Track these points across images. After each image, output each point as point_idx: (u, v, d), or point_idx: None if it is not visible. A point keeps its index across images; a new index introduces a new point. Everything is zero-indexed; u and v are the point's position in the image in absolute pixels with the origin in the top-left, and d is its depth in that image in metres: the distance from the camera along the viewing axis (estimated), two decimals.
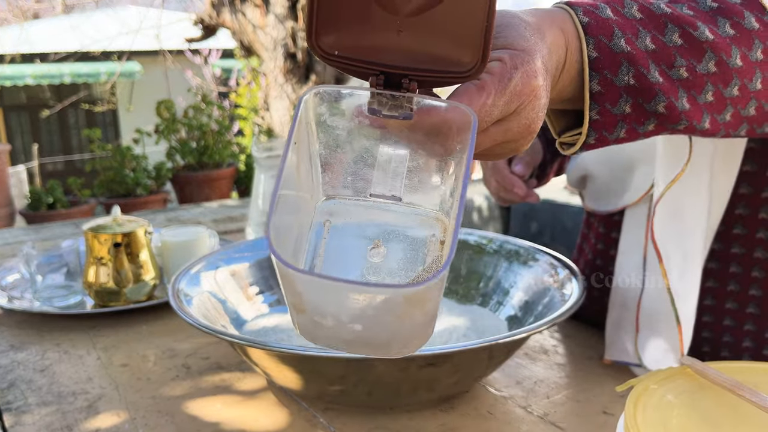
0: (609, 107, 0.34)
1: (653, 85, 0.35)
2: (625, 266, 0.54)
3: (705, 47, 0.35)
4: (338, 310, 0.26)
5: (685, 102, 0.36)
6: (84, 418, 0.50)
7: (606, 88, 0.34)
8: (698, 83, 0.36)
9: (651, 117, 0.36)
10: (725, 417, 0.34)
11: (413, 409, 0.50)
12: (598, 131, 0.35)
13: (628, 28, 0.35)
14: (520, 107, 0.30)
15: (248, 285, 0.64)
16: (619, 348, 0.55)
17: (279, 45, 2.91)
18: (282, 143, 0.87)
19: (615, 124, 0.35)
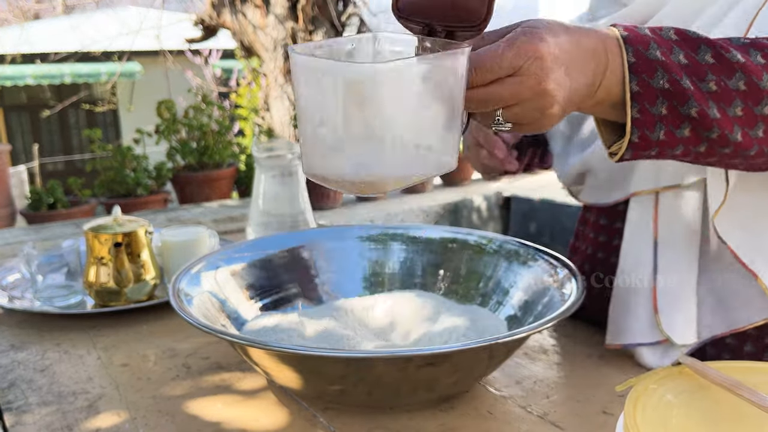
0: (647, 106, 0.40)
1: (685, 90, 0.40)
2: (631, 250, 0.56)
3: (736, 68, 0.41)
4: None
5: (716, 111, 0.41)
6: (84, 418, 0.51)
7: (644, 89, 0.40)
8: (727, 97, 0.41)
9: (685, 120, 0.41)
10: (725, 416, 0.35)
11: (413, 408, 0.50)
12: (639, 129, 0.40)
13: (664, 43, 0.41)
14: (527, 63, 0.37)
15: (248, 285, 0.64)
16: (628, 331, 0.56)
17: (279, 45, 2.91)
18: (282, 144, 0.87)
19: (654, 123, 0.40)
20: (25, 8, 5.55)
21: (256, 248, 0.67)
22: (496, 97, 0.38)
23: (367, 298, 0.65)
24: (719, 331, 0.55)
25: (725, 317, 0.55)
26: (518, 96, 0.37)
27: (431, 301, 0.61)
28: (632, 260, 0.56)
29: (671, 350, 0.56)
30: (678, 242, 0.54)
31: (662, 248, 0.54)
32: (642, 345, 0.56)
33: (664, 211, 0.54)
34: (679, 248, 0.54)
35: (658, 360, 0.56)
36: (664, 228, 0.54)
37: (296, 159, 0.86)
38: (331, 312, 0.62)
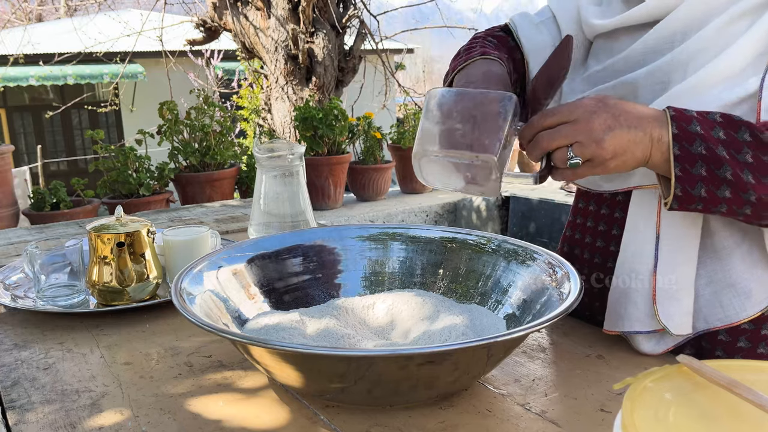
0: (688, 167, 0.49)
1: (720, 158, 0.49)
2: (633, 242, 0.58)
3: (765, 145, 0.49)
4: None
5: (750, 178, 0.49)
6: (87, 416, 0.51)
7: (684, 153, 0.49)
8: (762, 168, 0.49)
9: (723, 183, 0.49)
10: (722, 415, 0.35)
11: (413, 406, 0.50)
12: (682, 184, 0.50)
13: (705, 122, 0.50)
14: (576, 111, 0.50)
15: (250, 284, 0.64)
16: (626, 318, 0.58)
17: (280, 47, 2.92)
18: (282, 144, 0.88)
19: (695, 181, 0.50)
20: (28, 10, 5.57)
21: (258, 248, 0.68)
22: (557, 133, 0.50)
23: (367, 297, 0.65)
24: (714, 324, 0.57)
25: (720, 311, 0.56)
26: (573, 135, 0.49)
27: (431, 300, 0.62)
28: (633, 251, 0.58)
29: (666, 338, 0.58)
30: (679, 236, 0.56)
31: (664, 242, 0.56)
32: (639, 333, 0.58)
33: None
34: (681, 242, 0.56)
35: (653, 347, 0.58)
36: (666, 222, 0.56)
37: (297, 159, 0.87)
38: (331, 311, 0.62)
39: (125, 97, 5.47)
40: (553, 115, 0.50)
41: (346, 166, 2.72)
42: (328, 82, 2.97)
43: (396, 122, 3.16)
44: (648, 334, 0.58)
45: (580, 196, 0.70)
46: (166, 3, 3.62)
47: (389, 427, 0.48)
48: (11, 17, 6.16)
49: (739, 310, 0.56)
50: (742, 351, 0.57)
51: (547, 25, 0.69)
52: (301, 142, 2.62)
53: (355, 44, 3.06)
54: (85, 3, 5.68)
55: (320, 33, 2.91)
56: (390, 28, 5.22)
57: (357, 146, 2.92)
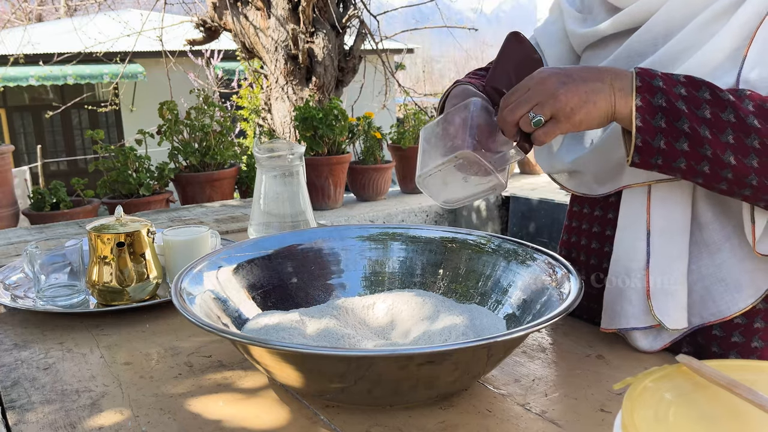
0: (648, 118, 0.50)
1: (680, 111, 0.50)
2: (625, 239, 0.59)
3: (726, 105, 0.50)
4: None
5: (708, 134, 0.49)
6: (87, 416, 0.51)
7: (645, 104, 0.50)
8: (719, 125, 0.49)
9: (681, 136, 0.50)
10: (722, 415, 0.35)
11: (413, 406, 0.50)
12: (642, 135, 0.50)
13: (668, 80, 0.51)
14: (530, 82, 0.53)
15: (250, 284, 0.64)
16: (622, 316, 0.59)
17: (280, 47, 2.92)
18: (282, 144, 0.88)
19: (654, 133, 0.50)
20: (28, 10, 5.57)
21: (258, 248, 0.68)
22: (519, 101, 0.52)
23: (367, 297, 0.65)
24: (708, 319, 0.58)
25: (713, 305, 0.57)
26: (530, 99, 0.52)
27: (431, 300, 0.62)
28: (625, 249, 0.59)
29: (663, 334, 0.58)
30: (670, 232, 0.57)
31: (655, 237, 0.57)
32: (635, 329, 0.58)
33: (656, 202, 0.57)
34: (671, 237, 0.57)
35: (650, 343, 0.59)
36: (656, 218, 0.57)
37: (297, 159, 0.87)
38: (331, 311, 0.62)
39: (125, 97, 5.48)
40: (513, 93, 0.53)
41: (346, 166, 2.72)
42: (328, 82, 2.97)
43: (396, 122, 3.16)
44: (644, 331, 0.59)
45: (574, 199, 0.71)
46: (166, 3, 3.62)
47: (389, 427, 0.48)
48: (11, 17, 6.16)
49: (731, 304, 0.56)
50: (737, 345, 0.58)
51: None
52: (301, 142, 2.62)
53: (355, 44, 3.06)
54: (85, 3, 5.68)
55: (320, 33, 2.91)
56: (390, 28, 5.22)
57: (357, 146, 2.93)
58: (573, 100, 0.50)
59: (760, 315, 0.57)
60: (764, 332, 0.57)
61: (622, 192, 0.60)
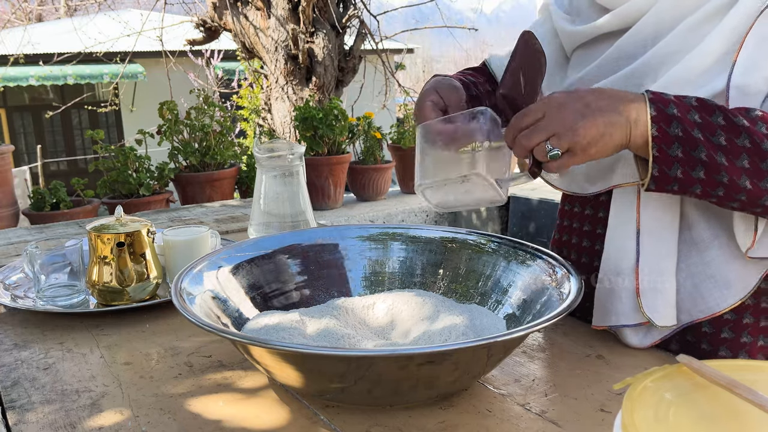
0: (665, 148, 0.51)
1: (696, 139, 0.50)
2: (616, 238, 0.60)
3: (741, 130, 0.50)
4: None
5: (724, 160, 0.50)
6: (87, 416, 0.51)
7: (661, 134, 0.51)
8: (734, 151, 0.50)
9: (698, 164, 0.50)
10: (722, 415, 0.35)
11: (413, 406, 0.50)
12: (659, 165, 0.51)
13: (682, 106, 0.51)
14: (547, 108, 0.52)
15: (250, 284, 0.64)
16: (613, 313, 0.59)
17: (280, 47, 2.92)
18: (282, 144, 0.88)
19: (671, 163, 0.51)
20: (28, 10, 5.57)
21: (258, 248, 0.68)
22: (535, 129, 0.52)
23: (367, 297, 0.65)
24: (697, 316, 0.58)
25: (702, 302, 0.58)
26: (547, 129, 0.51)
27: (431, 300, 0.62)
28: (616, 248, 0.60)
29: (653, 331, 0.59)
30: (659, 230, 0.57)
31: (644, 236, 0.58)
32: (626, 326, 0.59)
33: (645, 202, 0.58)
34: (660, 235, 0.57)
35: (641, 340, 0.60)
36: (646, 217, 0.58)
37: (297, 159, 0.87)
38: (331, 311, 0.62)
39: (125, 97, 5.47)
40: (526, 115, 0.52)
41: (346, 166, 2.72)
42: (328, 82, 2.97)
43: (396, 122, 3.16)
44: (635, 328, 0.59)
45: (565, 198, 0.72)
46: (166, 3, 3.62)
47: (389, 427, 0.48)
48: (11, 17, 6.16)
49: (720, 301, 0.57)
50: (726, 341, 0.59)
51: None
52: (301, 142, 2.62)
53: (355, 44, 3.06)
54: (85, 3, 5.68)
55: (320, 33, 2.91)
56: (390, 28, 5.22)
57: (357, 146, 2.92)
58: (590, 134, 0.50)
59: (749, 311, 0.58)
60: (753, 327, 0.58)
61: (613, 191, 0.61)
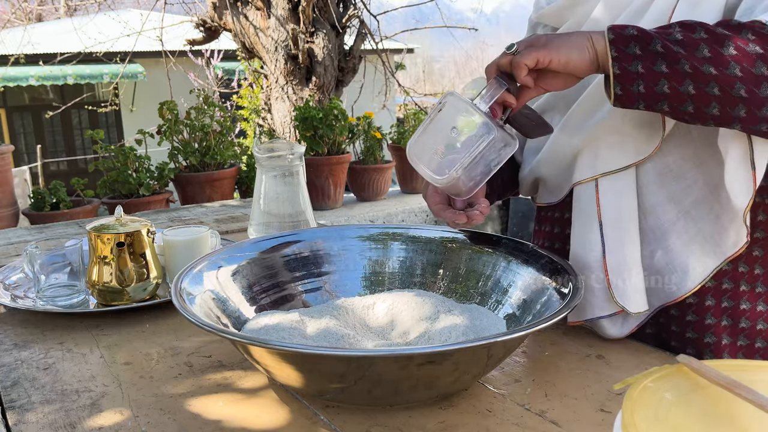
0: (622, 47, 0.51)
1: (651, 35, 0.51)
2: (581, 233, 0.61)
3: (696, 25, 0.51)
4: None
5: (682, 50, 0.50)
6: (87, 416, 0.51)
7: (617, 36, 0.51)
8: (693, 43, 0.50)
9: (658, 57, 0.50)
10: (722, 415, 0.35)
11: (413, 406, 0.50)
12: (619, 63, 0.51)
13: (638, 27, 0.52)
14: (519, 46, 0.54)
15: (250, 284, 0.64)
16: (588, 307, 0.61)
17: (280, 47, 2.92)
18: (282, 144, 0.88)
19: (630, 60, 0.51)
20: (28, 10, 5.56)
21: (258, 248, 0.68)
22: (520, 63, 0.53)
23: (367, 297, 0.65)
24: (664, 301, 0.60)
25: (665, 288, 0.59)
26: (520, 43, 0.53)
27: (431, 300, 0.62)
28: (581, 243, 0.61)
29: (629, 319, 0.61)
30: (620, 220, 0.59)
31: (607, 228, 0.59)
32: (602, 318, 0.60)
33: (604, 193, 0.59)
34: (622, 226, 0.59)
35: (619, 329, 0.61)
36: (606, 209, 0.59)
37: (296, 159, 0.87)
38: (331, 311, 0.62)
39: (125, 97, 5.47)
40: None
41: (346, 166, 2.72)
42: (328, 82, 2.97)
43: (396, 122, 3.16)
44: (611, 318, 0.61)
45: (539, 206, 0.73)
46: (166, 3, 3.62)
47: (389, 427, 0.48)
48: (11, 17, 6.16)
49: (681, 286, 0.59)
50: (691, 324, 0.60)
51: None
52: (301, 142, 2.62)
53: (355, 44, 3.06)
54: (85, 3, 5.68)
55: (320, 33, 2.91)
56: (390, 28, 5.22)
57: (357, 146, 2.92)
58: (549, 35, 0.53)
59: (709, 293, 0.59)
60: (716, 309, 0.60)
61: (573, 189, 0.62)
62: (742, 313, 0.59)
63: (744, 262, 0.59)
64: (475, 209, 0.61)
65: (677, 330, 0.61)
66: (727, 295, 0.59)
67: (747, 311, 0.59)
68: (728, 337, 0.59)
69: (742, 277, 0.59)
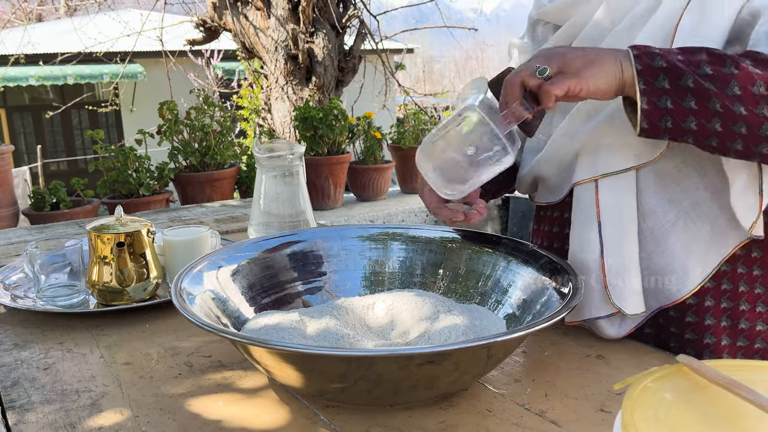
0: (651, 80, 0.50)
1: (681, 69, 0.50)
2: (579, 234, 0.61)
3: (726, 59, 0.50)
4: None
5: (713, 87, 0.49)
6: (87, 416, 0.51)
7: (645, 68, 0.51)
8: (723, 79, 0.49)
9: (687, 93, 0.50)
10: (722, 415, 0.35)
11: (413, 406, 0.50)
12: (648, 97, 0.50)
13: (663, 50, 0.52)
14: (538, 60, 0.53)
15: (250, 284, 0.64)
16: (585, 307, 0.60)
17: (280, 47, 2.92)
18: (282, 144, 0.88)
19: (659, 94, 0.50)
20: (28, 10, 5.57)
21: (258, 248, 0.68)
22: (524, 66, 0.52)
23: (367, 297, 0.65)
24: (662, 302, 0.60)
25: (665, 289, 0.59)
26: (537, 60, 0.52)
27: (431, 300, 0.62)
28: (580, 242, 0.61)
29: (627, 320, 0.61)
30: (619, 222, 0.59)
31: (606, 228, 0.59)
32: (599, 318, 0.60)
33: (604, 194, 0.59)
34: (621, 227, 0.59)
35: (617, 330, 0.61)
36: (605, 210, 0.59)
37: (296, 159, 0.87)
38: (331, 311, 0.62)
39: (125, 97, 5.47)
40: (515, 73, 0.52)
41: (346, 166, 2.72)
42: (328, 82, 2.97)
43: (396, 122, 3.16)
44: (609, 319, 0.61)
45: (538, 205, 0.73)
46: (166, 3, 3.62)
47: (389, 427, 0.48)
48: (11, 17, 6.16)
49: (680, 287, 0.58)
50: (691, 325, 0.60)
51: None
52: (301, 142, 2.62)
53: (355, 44, 3.06)
54: (85, 3, 5.68)
55: (320, 33, 2.91)
56: (390, 28, 5.22)
57: (357, 146, 2.92)
58: (580, 59, 0.50)
59: (708, 294, 0.59)
60: (715, 310, 0.59)
61: (573, 189, 0.62)
62: (742, 314, 0.59)
63: (743, 263, 0.59)
64: (473, 209, 0.61)
65: (676, 331, 0.61)
66: (726, 296, 0.59)
67: (746, 312, 0.59)
68: (728, 338, 0.59)
69: (741, 278, 0.59)
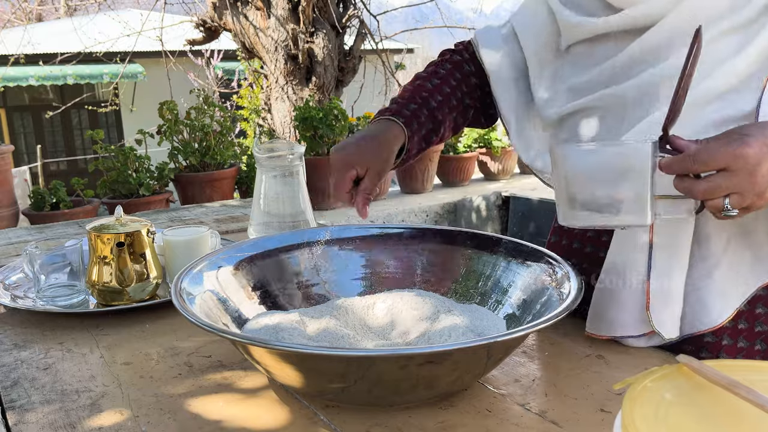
0: None
1: None
2: (623, 251, 0.59)
3: None
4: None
5: None
6: (87, 416, 0.51)
7: None
8: None
9: None
10: (722, 415, 0.35)
11: (413, 406, 0.50)
12: None
13: None
14: (734, 162, 0.45)
15: (250, 284, 0.64)
16: (617, 323, 0.59)
17: (280, 47, 2.92)
18: (282, 144, 0.88)
19: None
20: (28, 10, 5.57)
21: (258, 248, 0.68)
22: (717, 187, 0.46)
23: (367, 297, 0.65)
24: (699, 328, 0.58)
25: (705, 315, 0.58)
26: (733, 188, 0.46)
27: (431, 300, 0.62)
28: (623, 259, 0.59)
29: (654, 338, 0.60)
30: (674, 245, 0.56)
31: (657, 251, 0.57)
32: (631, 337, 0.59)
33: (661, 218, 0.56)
34: (674, 252, 0.57)
35: (644, 342, 0.60)
36: (660, 233, 0.57)
37: (296, 159, 0.87)
38: (331, 311, 0.62)
39: (125, 97, 5.47)
40: (707, 162, 0.46)
41: None
42: (328, 82, 2.97)
43: None
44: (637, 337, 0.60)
45: None
46: (166, 3, 3.62)
47: (389, 427, 0.48)
48: (11, 17, 6.16)
49: (722, 312, 0.57)
50: (725, 348, 0.60)
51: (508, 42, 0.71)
52: (301, 142, 2.62)
53: (355, 44, 3.06)
54: (85, 3, 5.68)
55: (320, 33, 2.91)
56: (390, 28, 5.21)
57: None
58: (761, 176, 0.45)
59: (743, 316, 0.59)
60: (749, 332, 0.59)
61: None
62: (741, 314, 0.59)
63: None
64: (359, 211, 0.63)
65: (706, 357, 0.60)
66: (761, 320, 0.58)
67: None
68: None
69: None
